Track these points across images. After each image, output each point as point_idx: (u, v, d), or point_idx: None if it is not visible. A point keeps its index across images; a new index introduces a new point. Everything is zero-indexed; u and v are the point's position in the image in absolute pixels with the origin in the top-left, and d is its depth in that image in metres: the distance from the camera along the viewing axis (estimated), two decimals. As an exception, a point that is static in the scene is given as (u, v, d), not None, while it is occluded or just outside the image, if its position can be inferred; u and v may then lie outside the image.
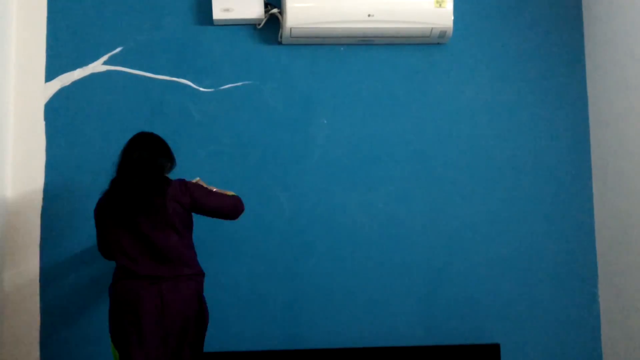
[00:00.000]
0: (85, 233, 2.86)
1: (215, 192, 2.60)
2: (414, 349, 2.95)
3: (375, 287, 3.05)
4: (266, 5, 3.07)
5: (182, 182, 2.53)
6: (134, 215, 2.43)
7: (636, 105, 2.84)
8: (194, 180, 2.64)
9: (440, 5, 2.99)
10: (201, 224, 2.99)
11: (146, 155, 2.48)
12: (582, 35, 3.26)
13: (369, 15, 2.97)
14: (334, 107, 3.13)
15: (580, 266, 3.14)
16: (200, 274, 2.56)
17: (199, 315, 2.49)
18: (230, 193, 2.64)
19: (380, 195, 3.10)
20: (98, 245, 2.61)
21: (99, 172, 2.98)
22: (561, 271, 3.12)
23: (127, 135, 2.97)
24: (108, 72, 3.05)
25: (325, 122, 3.11)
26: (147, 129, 2.99)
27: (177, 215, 2.48)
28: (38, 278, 2.92)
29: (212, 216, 2.60)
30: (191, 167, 3.01)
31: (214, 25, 3.10)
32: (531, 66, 3.22)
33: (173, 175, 2.63)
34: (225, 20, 3.06)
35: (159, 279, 2.42)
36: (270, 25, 3.10)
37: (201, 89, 3.08)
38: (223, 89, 3.09)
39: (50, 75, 3.02)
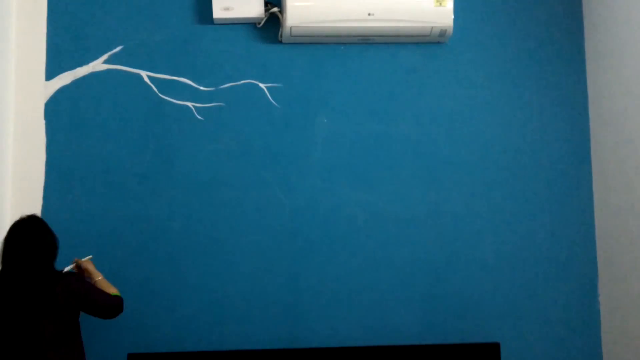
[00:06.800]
0: (86, 233, 2.87)
1: (102, 291, 2.46)
2: (414, 348, 2.94)
3: (375, 286, 3.05)
4: (266, 4, 3.06)
5: (74, 278, 2.41)
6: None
7: (636, 105, 2.84)
8: (85, 259, 2.59)
9: (440, 4, 2.99)
10: (201, 221, 3.00)
11: (31, 254, 2.33)
12: (582, 35, 3.25)
13: (369, 14, 2.97)
14: (334, 106, 3.12)
15: (580, 266, 3.14)
16: None
17: None
18: (113, 290, 2.51)
19: (380, 194, 3.10)
20: None
21: (99, 171, 2.99)
22: (561, 271, 3.12)
23: (127, 135, 3.01)
24: (108, 70, 3.05)
25: (325, 121, 3.11)
26: (147, 128, 3.03)
27: (65, 308, 2.34)
28: (38, 277, 2.92)
29: (93, 313, 2.44)
30: (191, 166, 3.02)
31: (214, 24, 3.10)
32: (531, 65, 3.21)
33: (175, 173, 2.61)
34: (226, 19, 3.06)
35: None
36: (271, 24, 3.10)
37: (201, 87, 3.08)
38: (223, 88, 3.09)
39: (50, 74, 3.02)
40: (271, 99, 3.10)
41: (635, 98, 2.84)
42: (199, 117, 3.06)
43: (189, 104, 3.06)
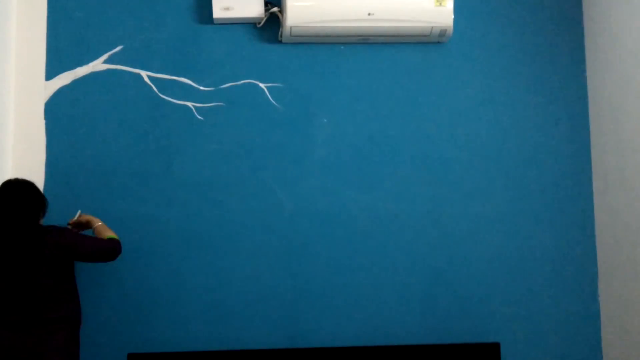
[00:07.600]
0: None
1: (91, 237, 2.64)
2: (414, 348, 2.95)
3: (375, 286, 3.05)
4: (266, 4, 3.06)
5: (60, 230, 2.54)
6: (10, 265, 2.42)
7: (636, 105, 2.84)
8: (76, 217, 2.74)
9: (440, 4, 2.99)
10: (201, 222, 3.00)
11: (17, 210, 2.47)
12: (582, 35, 3.25)
13: (369, 14, 2.97)
14: (334, 106, 3.13)
15: (580, 266, 3.14)
16: (75, 321, 2.54)
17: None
18: (110, 234, 2.66)
19: (380, 194, 3.10)
20: None
21: (99, 171, 2.99)
22: (561, 271, 3.12)
23: (127, 135, 3.02)
24: (108, 70, 3.05)
25: (325, 121, 3.11)
26: (147, 128, 3.03)
27: (55, 260, 2.47)
28: (38, 277, 2.93)
29: (89, 260, 2.63)
30: (191, 166, 3.02)
31: (214, 24, 3.10)
32: (531, 65, 3.21)
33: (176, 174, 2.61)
34: (226, 19, 3.06)
35: (26, 326, 2.39)
36: (271, 24, 3.10)
37: (201, 87, 3.08)
38: (223, 88, 3.09)
39: (50, 74, 3.02)
40: (271, 99, 3.10)
41: (635, 98, 2.85)
42: (199, 117, 3.06)
43: (189, 104, 3.06)
